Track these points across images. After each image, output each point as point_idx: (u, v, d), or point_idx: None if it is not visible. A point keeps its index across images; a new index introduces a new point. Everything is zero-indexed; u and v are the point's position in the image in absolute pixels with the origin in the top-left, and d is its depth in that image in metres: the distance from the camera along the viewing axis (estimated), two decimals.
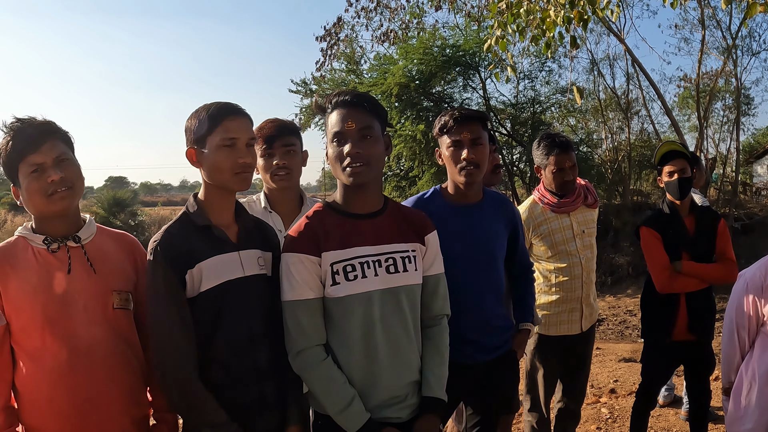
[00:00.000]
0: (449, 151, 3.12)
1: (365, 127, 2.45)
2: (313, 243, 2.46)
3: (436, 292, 2.67)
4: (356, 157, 2.42)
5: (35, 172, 2.33)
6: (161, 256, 2.36)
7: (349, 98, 2.47)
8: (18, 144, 2.34)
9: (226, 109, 2.45)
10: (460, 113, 3.11)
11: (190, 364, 2.34)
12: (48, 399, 2.27)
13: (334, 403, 2.42)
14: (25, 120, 2.39)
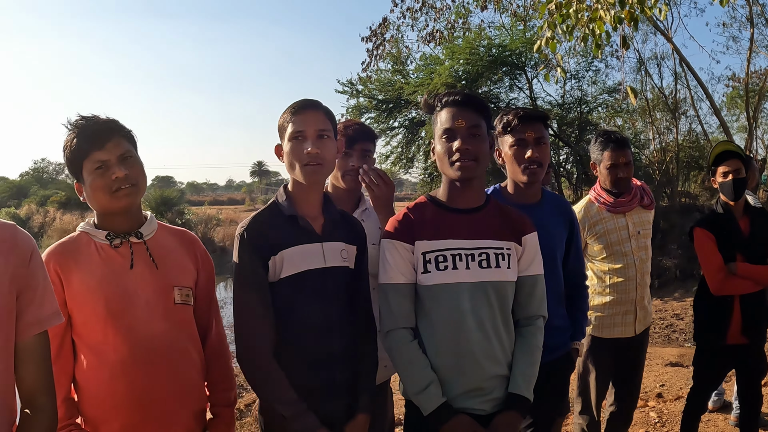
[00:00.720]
0: (512, 150, 3.14)
1: (474, 125, 2.54)
2: (408, 231, 2.58)
3: (533, 292, 2.70)
4: (465, 153, 2.52)
5: (100, 168, 2.36)
6: (247, 241, 2.48)
7: (460, 98, 2.58)
8: (83, 141, 2.37)
9: (298, 105, 2.56)
10: (525, 112, 3.14)
11: (266, 344, 2.45)
12: (109, 392, 2.30)
13: (414, 383, 2.50)
14: (90, 118, 2.43)
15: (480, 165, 2.57)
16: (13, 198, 51.37)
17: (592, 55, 15.63)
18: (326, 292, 2.54)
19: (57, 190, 45.16)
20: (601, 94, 17.40)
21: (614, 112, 17.85)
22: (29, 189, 53.49)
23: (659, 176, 17.81)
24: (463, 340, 2.52)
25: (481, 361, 2.54)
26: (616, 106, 17.44)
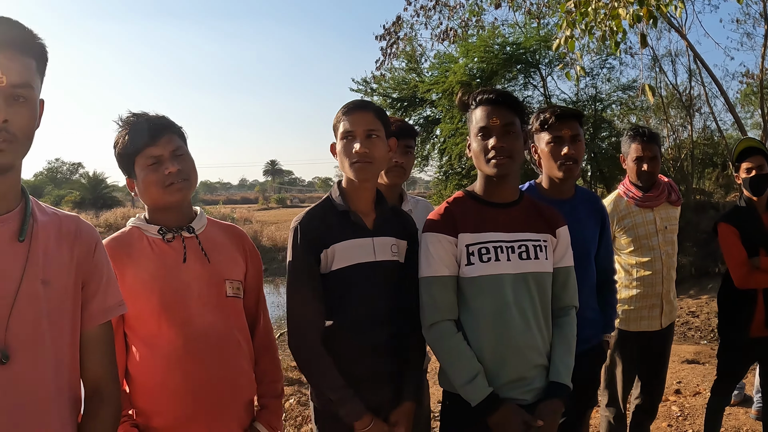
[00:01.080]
0: (548, 146, 3.25)
1: (509, 123, 2.62)
2: (451, 225, 2.66)
3: (567, 283, 2.79)
4: (500, 150, 2.62)
5: (153, 164, 2.42)
6: (300, 234, 2.61)
7: (494, 96, 2.66)
8: (136, 137, 2.43)
9: (349, 105, 2.67)
10: (561, 110, 3.23)
11: (316, 331, 2.58)
12: (161, 383, 2.34)
13: (460, 375, 2.57)
14: (141, 114, 2.49)
15: (514, 161, 2.66)
16: None
17: (606, 52, 15.59)
18: (375, 285, 2.63)
19: (71, 190, 45.47)
20: (615, 92, 17.32)
21: (628, 110, 17.80)
22: (44, 189, 53.59)
23: (674, 173, 17.74)
24: (506, 330, 2.59)
25: (523, 351, 2.62)
26: (630, 104, 17.38)
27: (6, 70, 1.64)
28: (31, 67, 1.71)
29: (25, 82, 1.68)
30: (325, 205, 2.72)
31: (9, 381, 1.66)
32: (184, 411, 2.38)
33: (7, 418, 1.65)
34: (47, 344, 1.75)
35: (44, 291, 1.75)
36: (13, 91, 1.66)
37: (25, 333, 1.70)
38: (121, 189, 46.54)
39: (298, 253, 2.61)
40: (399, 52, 18.49)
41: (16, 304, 1.69)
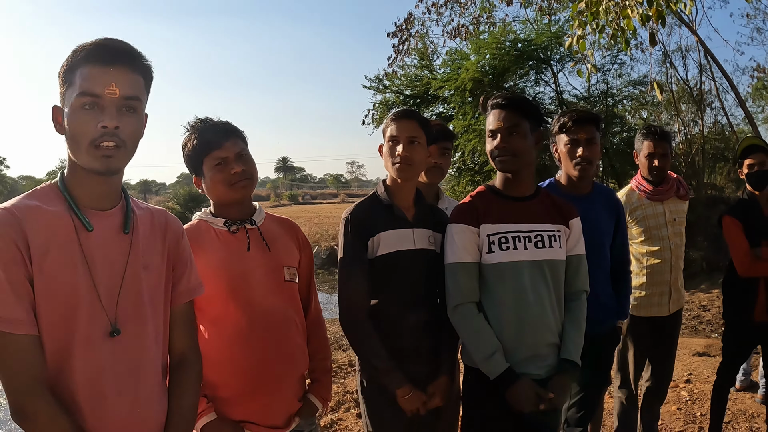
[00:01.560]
0: (566, 148, 3.57)
1: (513, 125, 2.90)
2: (474, 216, 2.95)
3: (578, 270, 3.07)
4: (503, 150, 2.92)
5: (219, 164, 2.71)
6: (351, 224, 2.96)
7: (500, 100, 2.94)
8: (204, 140, 2.74)
9: (397, 114, 3.02)
10: (579, 115, 3.53)
11: (364, 308, 2.94)
12: (229, 359, 2.61)
13: (481, 351, 2.86)
14: (207, 120, 2.80)
15: (519, 159, 2.95)
16: None
17: (618, 48, 15.69)
18: (415, 270, 2.96)
19: None
20: (626, 87, 17.40)
21: (639, 105, 17.91)
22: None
23: (685, 168, 17.87)
24: (523, 311, 2.88)
25: (538, 331, 2.91)
26: (641, 99, 17.48)
27: (119, 83, 1.86)
28: (140, 83, 1.95)
29: (135, 95, 1.91)
30: (372, 200, 3.06)
31: (120, 350, 1.94)
32: (247, 383, 2.66)
33: (120, 380, 1.93)
34: (148, 320, 2.03)
35: (145, 275, 2.03)
36: (125, 102, 1.89)
37: (130, 311, 1.97)
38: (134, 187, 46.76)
39: (349, 240, 2.94)
40: (411, 49, 18.60)
41: (123, 287, 1.96)
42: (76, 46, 1.91)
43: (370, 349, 2.92)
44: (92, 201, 1.97)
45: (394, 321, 2.94)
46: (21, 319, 1.79)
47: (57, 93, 1.96)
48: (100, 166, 1.89)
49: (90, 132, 1.85)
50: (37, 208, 1.88)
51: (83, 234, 1.91)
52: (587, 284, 3.11)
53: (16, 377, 1.79)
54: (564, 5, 16.27)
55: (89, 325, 1.89)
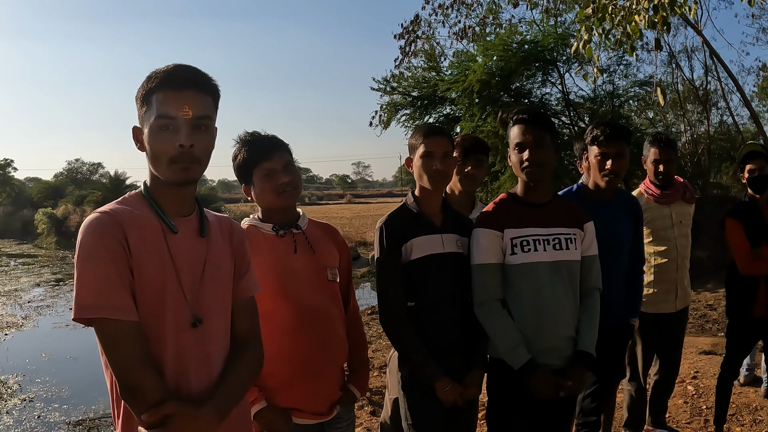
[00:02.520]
0: (596, 159, 3.83)
1: (539, 138, 3.17)
2: (498, 222, 3.23)
3: (591, 269, 3.34)
4: (532, 162, 3.17)
5: (268, 175, 2.97)
6: (386, 232, 3.22)
7: (527, 116, 3.20)
8: (254, 153, 3.00)
9: (428, 130, 3.26)
10: (610, 130, 3.78)
11: (401, 307, 3.19)
12: (278, 351, 2.84)
13: (505, 343, 3.14)
14: (254, 134, 3.06)
15: (544, 170, 3.23)
16: (49, 198, 51.20)
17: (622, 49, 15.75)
18: (445, 271, 3.21)
19: (93, 190, 45.30)
20: (632, 87, 17.47)
21: (645, 105, 18.00)
22: (65, 189, 53.46)
23: (691, 168, 17.93)
24: (543, 308, 3.16)
25: (556, 325, 3.18)
26: (647, 99, 17.57)
27: (191, 105, 2.10)
28: (209, 103, 2.18)
29: (205, 115, 2.15)
30: (403, 210, 3.33)
31: (200, 339, 2.18)
32: (295, 372, 2.93)
33: (198, 367, 2.17)
34: (220, 312, 2.28)
35: (218, 274, 2.28)
36: (197, 121, 2.12)
37: (208, 304, 2.22)
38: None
39: (384, 248, 3.21)
40: (418, 51, 18.66)
41: (202, 283, 2.21)
42: (150, 73, 2.15)
43: (409, 345, 3.16)
44: (173, 207, 2.21)
45: (430, 319, 3.18)
46: (129, 307, 2.03)
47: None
48: (179, 178, 2.13)
49: (169, 151, 2.09)
50: (130, 213, 2.13)
51: (169, 235, 2.16)
52: (600, 282, 3.37)
53: (125, 357, 2.00)
54: (570, 7, 16.39)
55: (175, 317, 2.13)
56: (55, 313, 16.36)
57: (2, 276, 24.29)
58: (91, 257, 2.02)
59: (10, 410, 9.03)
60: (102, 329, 2.01)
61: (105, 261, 2.01)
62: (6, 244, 39.69)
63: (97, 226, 2.05)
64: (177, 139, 2.08)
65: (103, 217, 2.07)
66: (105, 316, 1.99)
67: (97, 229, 2.04)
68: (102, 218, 2.07)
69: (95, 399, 9.05)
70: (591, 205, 3.62)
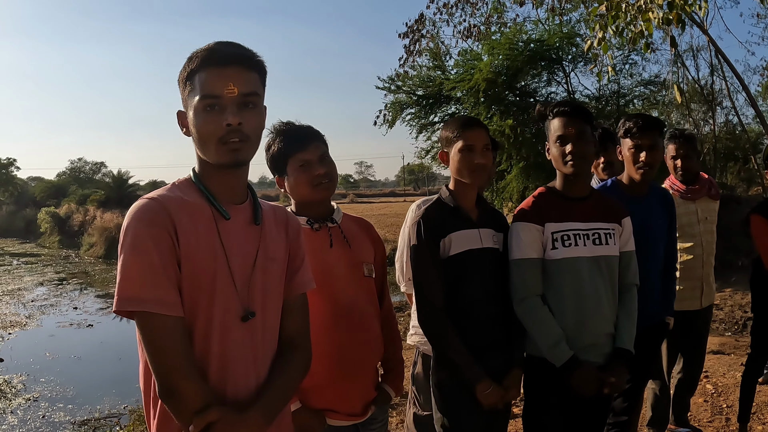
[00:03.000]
0: (630, 152, 3.75)
1: (581, 131, 3.11)
2: (538, 215, 3.16)
3: (629, 264, 3.28)
4: (575, 154, 3.11)
5: (303, 166, 2.86)
6: (423, 227, 3.08)
7: (568, 108, 3.14)
8: (289, 143, 2.89)
9: (468, 122, 3.14)
10: (643, 121, 3.72)
11: (441, 305, 3.06)
12: (314, 348, 2.62)
13: (546, 340, 3.07)
14: (290, 123, 2.96)
15: (587, 162, 3.18)
16: (52, 197, 51.32)
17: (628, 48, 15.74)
18: (484, 267, 3.11)
19: (96, 189, 45.45)
20: (637, 87, 17.44)
21: (650, 105, 17.91)
22: (68, 188, 53.59)
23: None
24: (583, 304, 3.09)
25: (597, 322, 3.12)
26: (652, 99, 17.50)
27: (237, 82, 1.97)
28: (256, 79, 2.06)
29: (252, 91, 2.02)
30: (439, 203, 3.22)
31: (249, 334, 2.07)
32: (330, 372, 2.82)
33: (247, 362, 2.07)
34: (272, 306, 2.17)
35: (271, 266, 2.16)
36: (244, 99, 1.99)
37: (259, 298, 2.11)
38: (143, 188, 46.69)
39: (422, 242, 3.08)
40: (422, 50, 18.63)
41: (253, 274, 2.09)
42: (190, 54, 2.04)
43: (449, 345, 3.03)
44: (225, 194, 2.09)
45: (468, 317, 3.08)
46: (174, 301, 1.92)
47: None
48: (229, 160, 2.01)
49: (216, 131, 1.97)
50: (180, 199, 2.02)
51: (221, 223, 2.05)
52: (637, 278, 3.32)
53: (168, 358, 1.89)
54: (575, 6, 16.36)
55: (225, 310, 2.02)
56: (58, 312, 16.37)
57: (5, 275, 24.30)
58: (135, 246, 1.91)
59: (15, 410, 9.00)
60: (144, 324, 1.90)
61: (150, 251, 1.90)
62: (9, 243, 39.84)
63: (144, 213, 1.95)
64: (224, 119, 1.96)
65: (151, 204, 1.97)
66: (148, 309, 1.88)
67: (144, 216, 1.94)
68: (150, 204, 1.97)
69: (100, 399, 9.04)
70: (626, 200, 3.54)
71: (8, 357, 11.72)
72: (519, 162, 15.23)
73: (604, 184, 3.89)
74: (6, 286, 21.16)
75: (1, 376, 10.57)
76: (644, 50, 7.70)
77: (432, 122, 18.00)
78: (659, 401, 4.85)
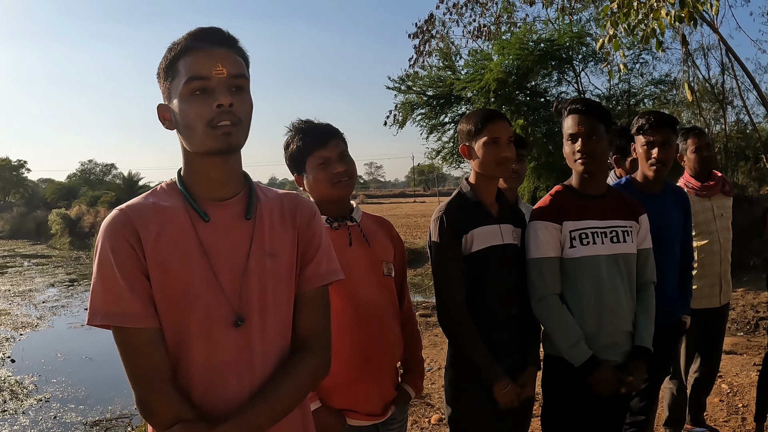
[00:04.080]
0: (643, 149, 3.74)
1: (592, 129, 3.08)
2: (556, 214, 3.15)
3: (647, 262, 3.27)
4: (584, 153, 3.09)
5: (323, 164, 2.83)
6: (445, 222, 3.05)
7: (581, 106, 3.12)
8: (308, 140, 2.86)
9: (491, 114, 3.12)
10: (655, 118, 3.70)
11: (462, 303, 3.03)
12: (334, 349, 2.49)
13: (566, 340, 3.05)
14: (309, 121, 2.93)
15: (597, 160, 3.13)
16: (63, 199, 51.56)
17: (639, 47, 15.70)
18: (505, 264, 3.09)
19: (107, 191, 45.67)
20: (647, 86, 17.45)
21: (661, 104, 17.89)
22: (78, 190, 53.86)
23: None
24: (602, 302, 3.08)
25: (616, 320, 3.10)
26: (662, 98, 17.49)
27: (225, 63, 1.88)
28: (242, 64, 1.95)
29: (241, 74, 1.92)
30: (459, 198, 3.17)
31: (244, 339, 1.95)
32: (351, 372, 2.78)
33: (241, 369, 1.95)
34: (271, 309, 2.02)
35: (271, 263, 2.01)
36: (233, 81, 1.89)
37: (254, 300, 1.97)
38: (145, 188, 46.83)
39: (444, 238, 3.05)
40: (432, 50, 18.65)
41: (246, 274, 1.96)
42: (170, 44, 1.95)
43: (470, 344, 3.01)
44: (210, 191, 1.99)
45: (488, 314, 3.06)
46: (139, 312, 1.83)
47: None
48: (220, 145, 1.88)
49: (206, 114, 1.86)
50: (152, 206, 1.93)
51: (200, 225, 1.94)
52: (655, 276, 3.30)
53: (140, 371, 1.84)
54: (585, 5, 16.33)
55: (208, 316, 1.91)
56: (69, 314, 16.35)
57: (17, 276, 24.34)
58: (99, 261, 1.86)
59: (26, 410, 9.00)
60: (115, 337, 1.86)
61: (111, 265, 1.84)
62: (20, 245, 39.90)
63: (107, 227, 1.89)
64: (213, 100, 1.85)
65: (116, 216, 1.90)
66: (114, 323, 1.83)
67: (108, 230, 1.88)
68: (114, 217, 1.89)
69: (112, 399, 9.05)
70: (641, 198, 3.52)
71: (20, 358, 11.72)
72: (530, 162, 15.18)
73: (618, 182, 3.87)
74: (17, 287, 21.17)
75: (13, 376, 10.57)
76: (657, 48, 7.64)
77: (442, 122, 18.10)
78: (676, 401, 4.82)
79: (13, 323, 15.07)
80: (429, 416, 6.05)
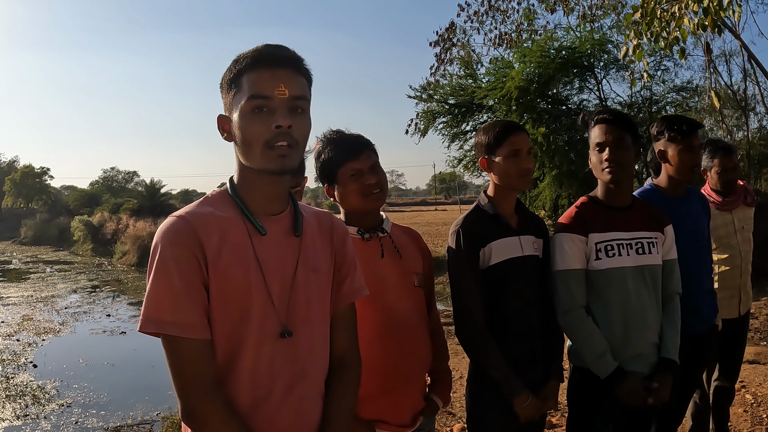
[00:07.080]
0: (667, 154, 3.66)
1: (619, 138, 3.10)
2: (582, 226, 3.15)
3: (672, 273, 3.27)
4: (612, 162, 3.10)
5: (354, 175, 2.82)
6: (463, 235, 3.04)
7: (608, 116, 3.14)
8: (340, 152, 2.86)
9: (511, 126, 3.11)
10: (686, 124, 3.66)
11: (481, 317, 3.01)
12: (366, 359, 2.52)
13: (592, 352, 3.06)
14: (340, 132, 2.93)
15: (624, 170, 3.15)
16: (85, 206, 51.97)
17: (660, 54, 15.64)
18: (525, 276, 3.08)
19: (129, 198, 46.03)
20: (669, 93, 17.37)
21: (683, 111, 17.78)
22: (101, 197, 54.29)
23: None
24: (628, 314, 3.09)
25: (642, 331, 3.11)
26: (684, 105, 17.39)
27: (287, 84, 1.89)
28: (305, 84, 1.97)
29: (302, 95, 1.94)
30: (477, 211, 3.16)
31: (290, 351, 1.99)
32: (382, 382, 2.78)
33: (289, 380, 2.00)
34: (316, 322, 2.08)
35: (314, 277, 2.07)
36: (294, 102, 1.91)
37: (301, 312, 2.02)
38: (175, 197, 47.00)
39: (462, 252, 3.04)
40: (453, 58, 18.64)
41: (294, 288, 2.01)
42: (236, 56, 1.96)
43: (489, 358, 3.00)
44: (264, 205, 2.02)
45: (508, 327, 3.05)
46: (195, 323, 1.86)
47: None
48: (275, 167, 1.91)
49: (264, 133, 1.88)
50: (211, 214, 1.95)
51: (256, 238, 1.97)
52: (680, 287, 3.30)
53: (189, 381, 1.85)
54: (606, 12, 16.29)
55: (261, 327, 1.94)
56: (91, 319, 16.52)
57: (39, 282, 24.59)
58: (159, 268, 1.87)
59: (48, 415, 9.10)
60: (166, 345, 1.87)
61: (173, 273, 1.85)
62: (43, 251, 40.36)
63: (170, 233, 1.89)
64: (273, 121, 1.88)
65: (177, 223, 1.91)
66: (168, 332, 1.85)
67: (170, 237, 1.89)
68: (176, 224, 1.91)
69: (133, 405, 9.12)
70: (667, 203, 3.53)
71: (42, 363, 11.84)
72: (552, 170, 15.19)
73: (643, 189, 3.83)
74: (40, 293, 21.40)
75: (35, 381, 10.70)
76: (680, 57, 7.60)
77: (464, 131, 18.07)
78: (700, 411, 4.80)
79: (35, 329, 15.23)
80: (451, 425, 6.06)
